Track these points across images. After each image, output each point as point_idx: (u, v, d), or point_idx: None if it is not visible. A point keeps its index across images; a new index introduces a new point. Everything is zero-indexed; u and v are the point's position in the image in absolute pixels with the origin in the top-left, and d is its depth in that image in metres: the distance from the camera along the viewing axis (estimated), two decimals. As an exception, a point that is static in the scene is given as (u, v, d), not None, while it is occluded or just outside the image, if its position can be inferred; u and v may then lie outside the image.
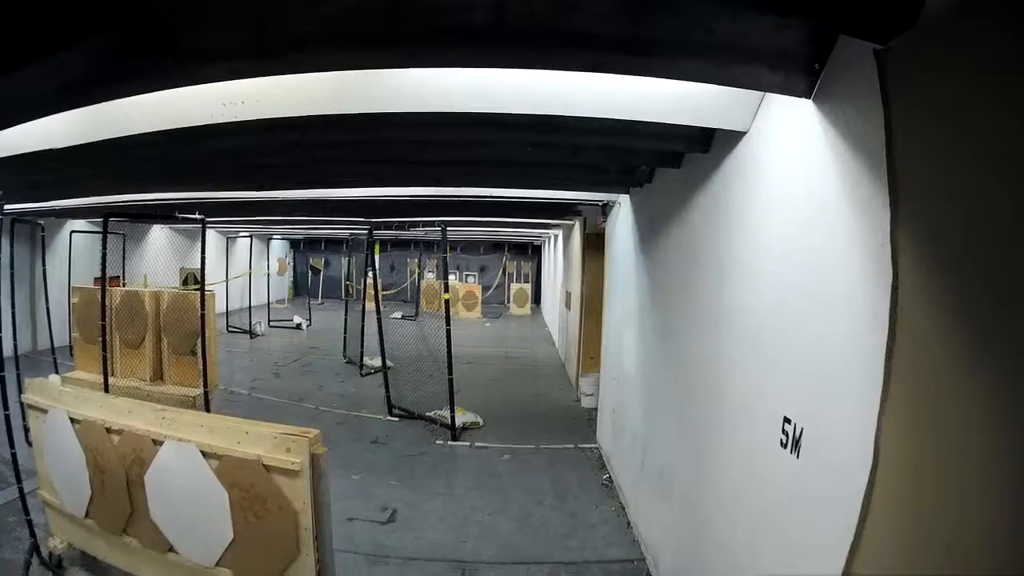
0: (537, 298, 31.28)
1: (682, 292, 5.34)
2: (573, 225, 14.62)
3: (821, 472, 2.81)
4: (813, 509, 2.87)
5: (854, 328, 2.54)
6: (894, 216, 2.32)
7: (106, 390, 7.85)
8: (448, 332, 10.34)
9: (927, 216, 2.21)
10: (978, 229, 1.98)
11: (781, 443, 3.16)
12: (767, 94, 3.64)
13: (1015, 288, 1.83)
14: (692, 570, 4.76)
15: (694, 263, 5.01)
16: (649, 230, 6.69)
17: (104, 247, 8.33)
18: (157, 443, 4.71)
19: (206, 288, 8.53)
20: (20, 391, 5.61)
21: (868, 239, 2.47)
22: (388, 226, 12.22)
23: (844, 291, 2.65)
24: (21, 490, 5.48)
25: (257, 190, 8.71)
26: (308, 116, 3.98)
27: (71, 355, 10.52)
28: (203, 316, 8.32)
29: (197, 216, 8.57)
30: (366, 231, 13.39)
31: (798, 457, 3.00)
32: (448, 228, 10.94)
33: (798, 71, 3.00)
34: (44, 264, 11.75)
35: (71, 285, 11.90)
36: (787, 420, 3.13)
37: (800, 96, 3.10)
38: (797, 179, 3.23)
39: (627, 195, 7.93)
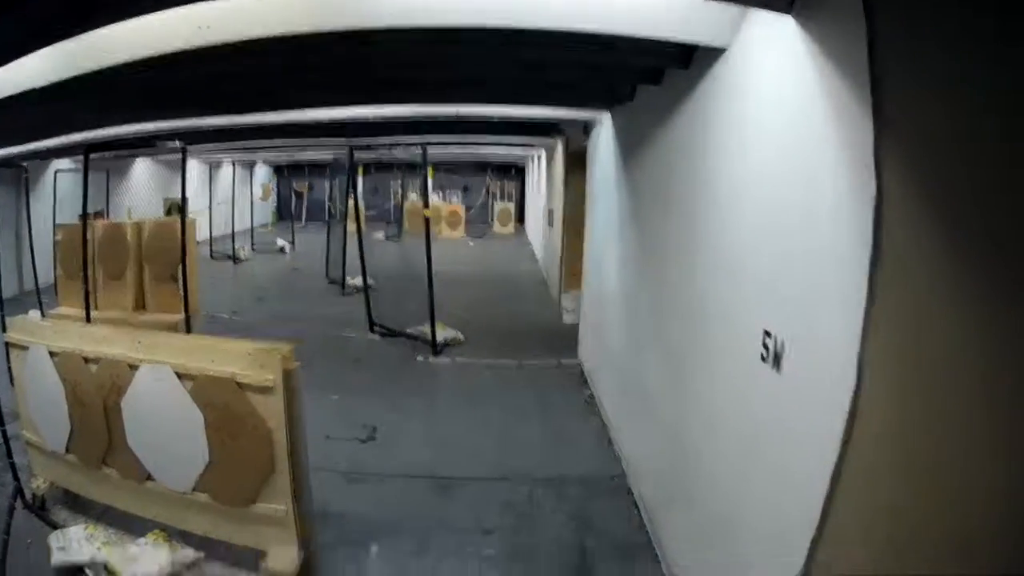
0: (521, 217, 31.21)
1: (662, 209, 5.24)
2: (556, 144, 14.44)
3: (804, 390, 2.75)
4: (797, 431, 2.80)
5: (838, 241, 2.45)
6: (878, 131, 2.23)
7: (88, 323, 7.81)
8: (428, 246, 10.29)
9: (912, 130, 2.13)
10: (967, 143, 1.91)
11: (761, 357, 3.11)
12: (749, 9, 3.49)
13: (1007, 204, 1.76)
14: (676, 498, 4.75)
15: (674, 179, 4.90)
16: (630, 148, 6.54)
17: (85, 181, 8.22)
18: (133, 368, 4.63)
19: (188, 215, 8.46)
20: (4, 332, 5.53)
21: (853, 153, 2.37)
22: (370, 147, 12.04)
23: (828, 206, 2.54)
24: (4, 432, 5.42)
25: (236, 114, 8.47)
26: (282, 35, 3.82)
27: (56, 293, 10.48)
28: (183, 242, 8.25)
29: (177, 144, 8.39)
30: (347, 153, 13.19)
31: (779, 371, 2.94)
32: (430, 148, 10.81)
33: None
34: (28, 207, 11.65)
35: (55, 224, 11.77)
36: (767, 334, 3.07)
37: (780, 11, 2.93)
38: (778, 95, 3.10)
39: (609, 113, 7.75)
